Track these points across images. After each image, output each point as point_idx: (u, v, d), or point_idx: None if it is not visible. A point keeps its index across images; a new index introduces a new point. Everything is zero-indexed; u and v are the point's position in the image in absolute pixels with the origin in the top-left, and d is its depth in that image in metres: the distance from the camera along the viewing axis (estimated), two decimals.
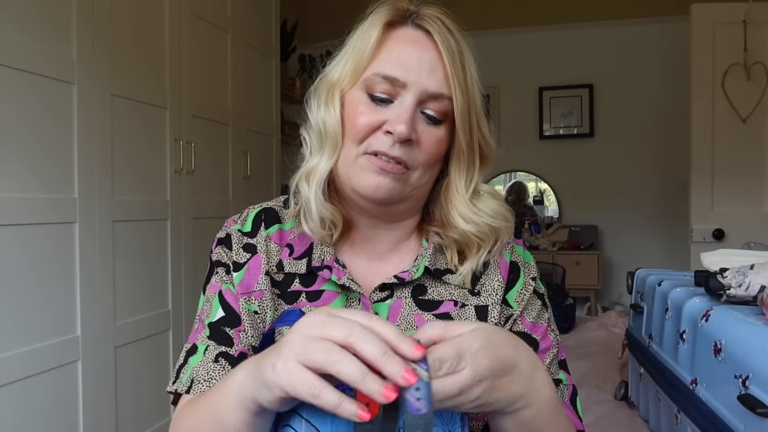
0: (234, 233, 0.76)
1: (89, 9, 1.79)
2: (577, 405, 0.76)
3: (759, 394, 1.15)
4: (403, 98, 0.68)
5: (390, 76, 0.68)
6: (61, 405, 1.69)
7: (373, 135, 0.68)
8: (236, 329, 0.71)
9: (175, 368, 0.72)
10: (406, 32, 0.70)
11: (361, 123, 0.68)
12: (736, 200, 3.05)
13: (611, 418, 2.20)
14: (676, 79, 3.89)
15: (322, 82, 0.73)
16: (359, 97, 0.69)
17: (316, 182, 0.71)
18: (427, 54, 0.68)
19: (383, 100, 0.68)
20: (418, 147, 0.69)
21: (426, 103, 0.68)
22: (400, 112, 0.67)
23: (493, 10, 4.34)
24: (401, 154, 0.67)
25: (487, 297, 0.75)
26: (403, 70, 0.67)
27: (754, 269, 1.45)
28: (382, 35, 0.69)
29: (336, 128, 0.70)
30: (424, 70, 0.68)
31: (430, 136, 0.69)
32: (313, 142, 0.73)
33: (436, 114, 0.69)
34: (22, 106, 1.58)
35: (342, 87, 0.71)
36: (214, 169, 2.51)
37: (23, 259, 1.57)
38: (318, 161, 0.71)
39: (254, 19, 2.89)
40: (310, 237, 0.74)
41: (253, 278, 0.73)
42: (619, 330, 3.28)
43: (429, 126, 0.69)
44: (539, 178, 4.60)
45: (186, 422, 0.63)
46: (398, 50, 0.69)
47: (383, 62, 0.69)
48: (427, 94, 0.68)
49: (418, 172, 0.70)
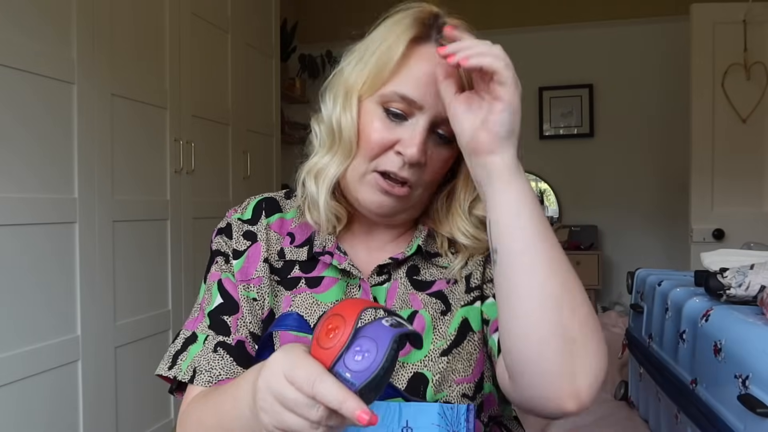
0: (234, 222, 0.78)
1: (89, 9, 1.79)
2: None
3: (759, 394, 1.15)
4: (417, 119, 0.69)
5: (408, 98, 0.68)
6: (61, 405, 1.69)
7: (384, 154, 0.69)
8: (234, 316, 0.72)
9: (171, 353, 0.73)
10: (429, 51, 0.69)
11: (374, 140, 0.69)
12: (736, 200, 3.05)
13: (611, 418, 2.20)
14: (676, 79, 3.89)
15: (338, 81, 0.73)
16: (375, 110, 0.70)
17: (326, 185, 0.72)
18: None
19: (398, 116, 0.69)
20: (425, 167, 0.70)
21: (439, 125, 0.69)
22: (413, 135, 0.68)
23: (493, 10, 4.33)
24: (409, 175, 0.69)
25: (475, 268, 0.76)
26: (421, 93, 0.68)
27: (754, 269, 1.44)
28: (407, 49, 0.69)
29: (351, 135, 0.70)
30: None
31: (439, 157, 0.71)
32: (323, 137, 0.74)
33: (447, 134, 0.69)
34: (22, 106, 1.58)
35: (360, 94, 0.71)
36: (214, 169, 2.51)
37: (23, 259, 1.57)
38: (328, 162, 0.72)
39: (254, 19, 2.89)
40: (312, 226, 0.76)
41: (252, 266, 0.75)
42: (619, 330, 3.28)
43: (438, 147, 0.70)
44: (539, 178, 4.60)
45: (195, 416, 0.65)
46: (418, 69, 0.69)
47: (403, 81, 0.69)
48: (442, 118, 0.68)
49: (420, 190, 0.72)
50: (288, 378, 0.47)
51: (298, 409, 0.47)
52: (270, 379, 0.49)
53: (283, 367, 0.48)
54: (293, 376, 0.47)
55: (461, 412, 0.58)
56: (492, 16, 4.33)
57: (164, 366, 0.72)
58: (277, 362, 0.49)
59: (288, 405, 0.47)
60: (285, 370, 0.48)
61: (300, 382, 0.47)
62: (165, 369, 0.72)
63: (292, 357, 0.48)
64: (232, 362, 0.70)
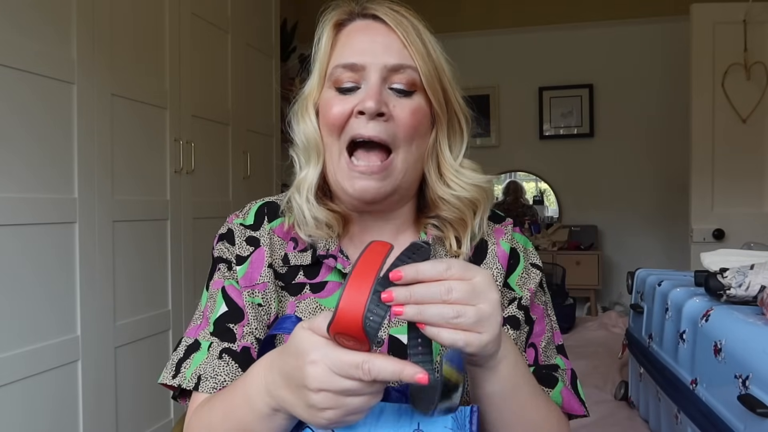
0: (236, 227, 0.77)
1: (89, 9, 1.79)
2: (579, 389, 0.76)
3: (759, 394, 1.15)
4: (367, 80, 0.69)
5: (348, 63, 0.70)
6: (60, 405, 1.69)
7: (348, 122, 0.70)
8: (239, 324, 0.72)
9: (173, 361, 0.72)
10: (355, 25, 0.73)
11: (333, 114, 0.70)
12: (736, 200, 3.05)
13: (611, 418, 2.20)
14: (676, 79, 3.89)
15: (298, 102, 0.76)
16: (329, 93, 0.72)
17: (306, 189, 0.72)
18: (379, 35, 0.71)
19: (350, 89, 0.70)
20: (394, 122, 0.69)
21: (391, 78, 0.70)
22: (367, 91, 0.69)
23: (493, 10, 4.33)
24: (378, 132, 0.68)
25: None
26: (359, 54, 0.70)
27: (754, 269, 1.45)
28: (335, 35, 0.73)
29: (314, 135, 0.73)
30: (379, 48, 0.70)
31: (403, 109, 0.70)
32: (300, 159, 0.75)
33: (403, 86, 0.70)
34: (22, 106, 1.58)
35: (314, 97, 0.74)
36: (214, 169, 2.51)
37: (23, 259, 1.57)
38: (306, 172, 0.74)
39: (254, 19, 2.89)
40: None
41: (256, 271, 0.74)
42: (619, 330, 3.28)
43: (400, 99, 0.70)
44: (539, 178, 4.61)
45: (204, 420, 0.65)
46: (351, 40, 0.72)
47: (339, 55, 0.72)
48: (388, 69, 0.69)
49: (402, 153, 0.70)
50: (339, 372, 0.50)
51: (359, 392, 0.50)
52: (320, 379, 0.50)
53: (327, 363, 0.50)
54: (343, 369, 0.50)
55: (466, 414, 0.59)
56: (492, 16, 4.33)
57: (168, 375, 0.71)
58: (316, 360, 0.51)
59: (351, 393, 0.51)
60: (331, 365, 0.50)
61: (353, 372, 0.49)
62: (169, 378, 0.71)
63: (326, 349, 0.51)
64: (237, 368, 0.69)
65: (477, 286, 0.52)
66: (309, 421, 0.54)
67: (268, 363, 0.58)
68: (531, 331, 0.76)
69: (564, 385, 0.74)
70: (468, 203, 0.74)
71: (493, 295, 0.53)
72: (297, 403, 0.54)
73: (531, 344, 0.76)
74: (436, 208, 0.75)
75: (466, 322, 0.51)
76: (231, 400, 0.62)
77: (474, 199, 0.74)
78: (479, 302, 0.52)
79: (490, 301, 0.52)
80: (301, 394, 0.52)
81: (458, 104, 0.74)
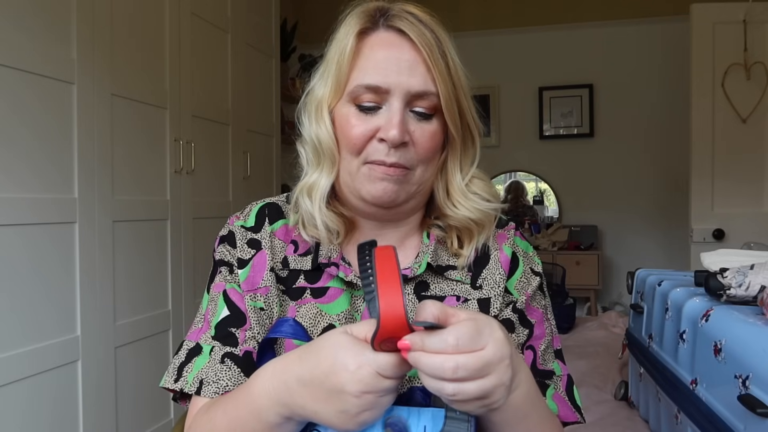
0: (237, 229, 0.76)
1: (89, 9, 1.79)
2: (575, 395, 0.76)
3: (759, 394, 1.15)
4: (390, 103, 0.68)
5: (372, 86, 0.68)
6: (61, 405, 1.69)
7: (369, 144, 0.69)
8: (241, 328, 0.71)
9: (175, 365, 0.72)
10: (379, 36, 0.70)
11: (354, 135, 0.69)
12: (736, 200, 3.05)
13: (611, 418, 2.20)
14: (676, 79, 3.89)
15: (309, 98, 0.75)
16: (348, 109, 0.70)
17: (319, 197, 0.72)
18: (404, 54, 0.69)
19: (371, 109, 0.69)
20: (414, 146, 0.70)
21: (413, 102, 0.69)
22: (390, 117, 0.68)
23: (493, 10, 4.33)
24: (398, 158, 0.68)
25: (489, 290, 0.75)
26: (383, 76, 0.68)
27: (754, 269, 1.45)
28: (357, 44, 0.70)
29: (330, 144, 0.71)
30: (404, 70, 0.68)
31: (423, 134, 0.70)
32: (309, 156, 0.74)
33: (425, 110, 0.70)
34: (22, 106, 1.58)
35: (329, 103, 0.72)
36: (214, 169, 2.51)
37: (23, 259, 1.57)
38: (318, 177, 0.73)
39: (254, 19, 2.89)
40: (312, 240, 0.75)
41: (258, 275, 0.73)
42: (619, 330, 3.28)
43: (420, 123, 0.70)
44: (539, 178, 4.60)
45: (207, 427, 0.65)
46: (374, 57, 0.69)
47: (362, 72, 0.69)
48: (412, 94, 0.68)
49: (419, 170, 0.71)
50: (385, 373, 0.52)
51: (393, 389, 0.54)
52: (366, 382, 0.52)
53: (374, 366, 0.52)
54: (389, 370, 0.52)
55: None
56: (492, 16, 4.33)
57: (169, 379, 0.71)
58: (362, 364, 0.52)
59: (389, 392, 0.53)
60: (378, 368, 0.52)
61: (398, 371, 0.52)
62: (171, 382, 0.70)
63: (369, 353, 0.52)
64: (239, 373, 0.69)
65: (487, 359, 0.51)
66: (336, 425, 0.54)
67: (277, 370, 0.58)
68: (531, 333, 0.76)
69: (555, 391, 0.74)
70: (473, 222, 0.75)
71: (502, 365, 0.52)
72: (325, 410, 0.53)
73: (530, 347, 0.76)
74: (443, 216, 0.76)
75: (466, 398, 0.51)
76: (235, 413, 0.61)
77: (479, 221, 0.74)
78: (488, 374, 0.51)
79: (498, 373, 0.52)
80: (335, 399, 0.52)
81: (473, 120, 0.74)
